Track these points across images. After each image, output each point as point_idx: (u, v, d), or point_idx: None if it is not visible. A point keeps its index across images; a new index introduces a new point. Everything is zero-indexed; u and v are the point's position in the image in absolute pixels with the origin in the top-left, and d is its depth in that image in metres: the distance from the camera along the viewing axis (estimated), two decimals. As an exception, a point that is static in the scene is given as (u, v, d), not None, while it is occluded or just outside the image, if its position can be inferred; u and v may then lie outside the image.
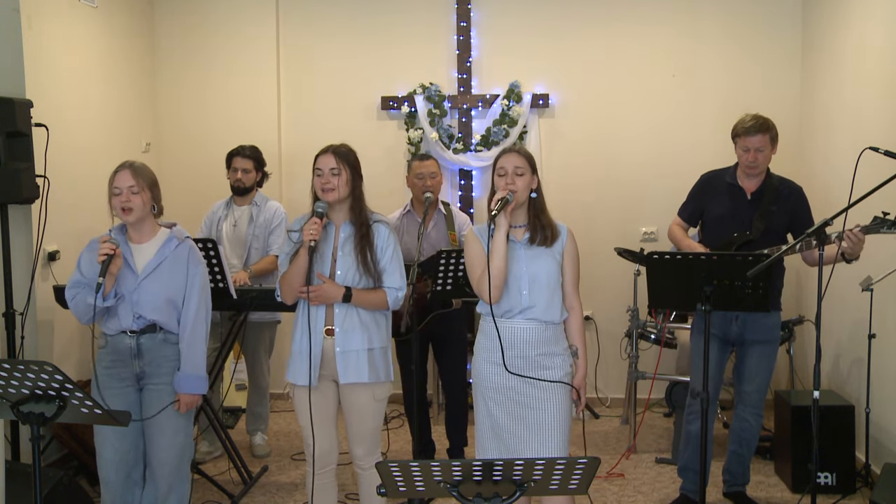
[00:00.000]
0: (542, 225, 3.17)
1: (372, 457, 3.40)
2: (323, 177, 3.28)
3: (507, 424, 3.13)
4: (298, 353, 3.33)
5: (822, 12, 5.36)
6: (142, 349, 3.30)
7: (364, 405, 3.34)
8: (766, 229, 3.94)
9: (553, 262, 3.16)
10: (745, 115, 4.04)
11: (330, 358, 3.31)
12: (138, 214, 3.28)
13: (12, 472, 3.53)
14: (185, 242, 3.39)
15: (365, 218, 3.34)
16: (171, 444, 3.34)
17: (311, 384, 3.27)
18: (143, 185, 3.28)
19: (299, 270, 3.24)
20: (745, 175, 4.04)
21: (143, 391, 3.35)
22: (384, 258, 3.35)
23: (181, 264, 3.34)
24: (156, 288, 3.29)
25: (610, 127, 5.89)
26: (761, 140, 3.94)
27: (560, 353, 3.16)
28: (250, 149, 4.95)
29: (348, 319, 3.30)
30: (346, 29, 6.04)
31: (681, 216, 4.26)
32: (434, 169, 4.59)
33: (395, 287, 3.36)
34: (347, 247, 3.31)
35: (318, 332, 3.30)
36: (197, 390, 3.34)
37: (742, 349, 4.08)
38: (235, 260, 4.90)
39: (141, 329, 3.30)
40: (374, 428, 3.40)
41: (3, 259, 4.15)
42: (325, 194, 3.27)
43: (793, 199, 4.01)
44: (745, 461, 4.13)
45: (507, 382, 3.13)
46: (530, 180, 3.16)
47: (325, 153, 3.33)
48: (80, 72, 5.16)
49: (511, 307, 3.14)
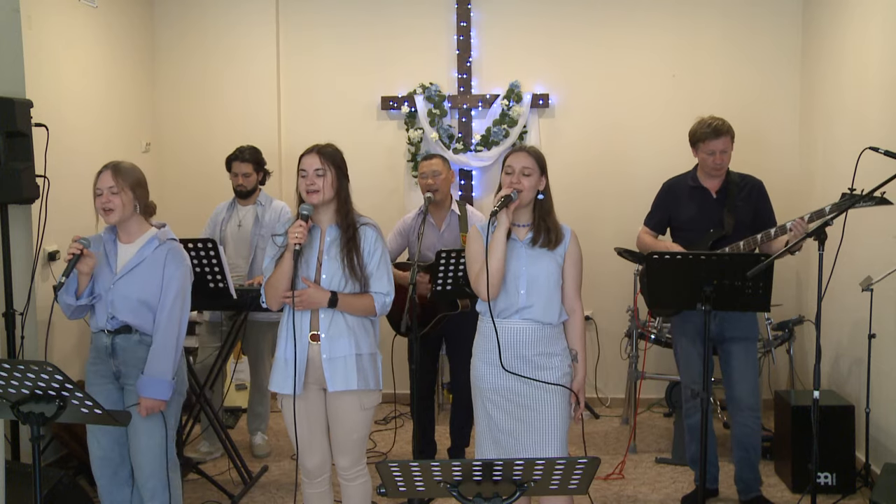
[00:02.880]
0: (546, 227, 3.14)
1: (357, 468, 3.32)
2: (307, 178, 3.17)
3: (506, 425, 3.12)
4: (283, 361, 3.24)
5: (822, 13, 5.36)
6: (116, 349, 3.29)
7: (350, 414, 3.24)
8: (736, 223, 4.02)
9: (554, 265, 3.14)
10: (702, 120, 4.10)
11: (316, 365, 3.22)
12: (119, 215, 3.25)
13: (12, 472, 3.53)
14: (165, 244, 3.32)
15: (351, 220, 3.23)
16: (146, 447, 3.28)
17: (297, 392, 3.18)
18: (124, 185, 3.24)
19: (284, 275, 3.16)
20: (708, 176, 4.12)
21: (123, 390, 3.35)
22: (371, 262, 3.25)
23: (158, 266, 3.28)
24: (129, 289, 3.26)
25: (610, 127, 5.89)
26: (724, 142, 4.03)
27: (558, 353, 3.14)
28: (249, 152, 4.92)
29: (334, 325, 3.21)
30: (346, 29, 6.04)
31: (647, 225, 4.31)
32: (437, 167, 4.53)
33: (383, 292, 3.26)
34: (333, 250, 3.21)
35: (303, 337, 3.21)
36: (159, 395, 3.22)
37: (723, 347, 4.10)
38: (240, 261, 4.89)
39: (115, 329, 3.28)
40: (360, 439, 3.30)
41: (3, 259, 4.15)
42: (310, 196, 3.17)
43: (754, 192, 4.11)
44: (754, 465, 4.13)
45: (505, 383, 3.11)
46: (538, 181, 3.13)
47: (310, 153, 3.22)
48: (80, 72, 5.16)
49: (508, 306, 3.12)
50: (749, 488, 4.15)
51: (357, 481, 3.34)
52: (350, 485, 3.34)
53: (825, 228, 3.40)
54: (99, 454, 3.34)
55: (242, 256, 4.90)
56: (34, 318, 4.33)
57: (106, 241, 3.34)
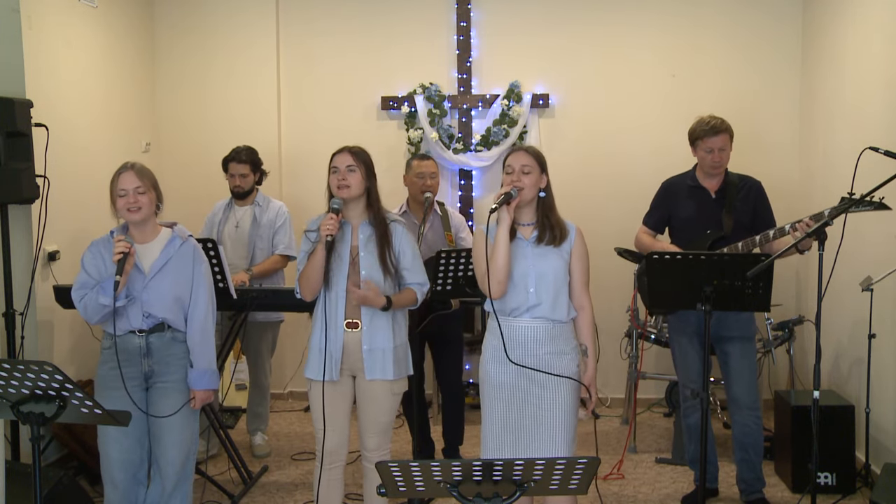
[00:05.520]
0: (550, 224, 3.19)
1: (382, 450, 3.46)
2: (339, 173, 3.35)
3: (513, 423, 3.14)
4: (318, 350, 3.36)
5: (822, 14, 5.36)
6: (151, 348, 3.33)
7: (382, 399, 3.41)
8: (734, 224, 4.03)
9: (560, 262, 3.17)
10: (701, 119, 4.13)
11: (351, 352, 3.37)
12: (145, 214, 3.31)
13: (12, 472, 3.53)
14: (188, 241, 3.43)
15: (382, 217, 3.43)
16: (179, 442, 3.36)
17: (332, 378, 3.33)
18: (149, 185, 3.33)
19: (317, 266, 3.30)
20: (707, 175, 4.13)
21: (151, 390, 3.36)
22: (405, 257, 3.43)
23: (187, 262, 3.38)
24: (164, 287, 3.32)
25: (610, 127, 5.89)
26: (723, 140, 4.04)
27: (568, 351, 3.17)
28: (245, 153, 4.90)
29: (376, 317, 3.36)
30: (346, 29, 6.04)
31: (646, 224, 4.33)
32: (435, 169, 4.61)
33: (420, 283, 3.47)
34: (370, 246, 3.38)
35: (338, 327, 3.35)
36: (211, 385, 3.40)
37: (720, 347, 4.10)
38: (238, 261, 4.88)
39: (150, 328, 3.33)
40: (388, 422, 3.46)
41: (3, 259, 4.15)
42: (341, 191, 3.34)
43: (753, 193, 4.11)
44: (755, 466, 4.12)
45: (514, 381, 3.13)
46: (538, 179, 3.16)
47: (342, 152, 3.40)
48: (80, 72, 5.15)
49: (518, 305, 3.15)
50: (750, 489, 4.15)
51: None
52: (373, 467, 3.40)
53: (825, 228, 3.40)
54: (119, 457, 3.32)
55: (240, 257, 4.89)
56: (34, 318, 4.33)
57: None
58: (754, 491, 4.14)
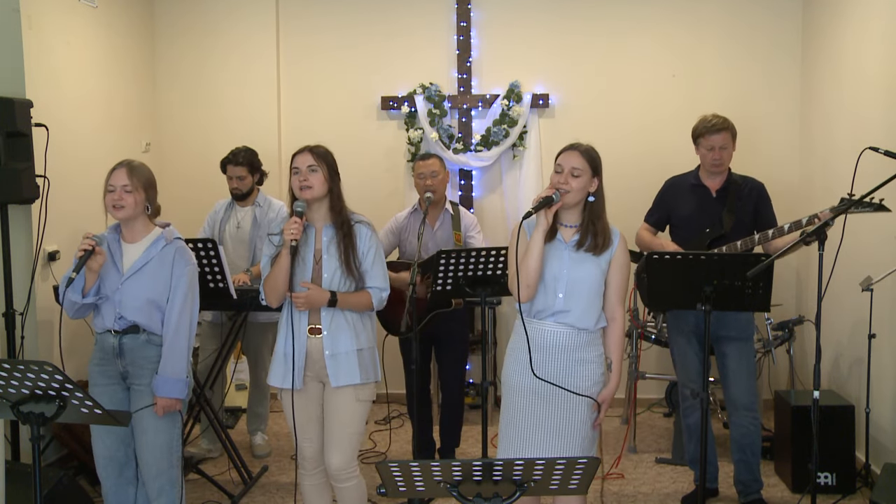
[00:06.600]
0: (594, 231, 3.01)
1: (349, 469, 3.32)
2: (300, 174, 3.24)
3: (532, 425, 3.04)
4: (282, 356, 3.29)
5: (822, 12, 5.36)
6: (124, 349, 3.29)
7: (345, 406, 3.29)
8: (735, 223, 4.03)
9: (597, 271, 3.01)
10: (704, 117, 4.16)
11: (316, 359, 3.28)
12: (128, 213, 3.27)
13: (12, 472, 3.53)
14: (172, 243, 3.34)
15: (346, 218, 3.31)
16: (154, 445, 3.30)
17: (295, 387, 3.24)
18: (138, 184, 3.27)
19: (282, 272, 3.22)
20: (709, 174, 4.15)
21: (130, 390, 3.35)
22: (367, 259, 3.32)
23: (166, 266, 3.30)
24: (138, 289, 3.26)
25: (610, 127, 5.88)
26: (724, 138, 4.06)
27: (592, 360, 3.03)
28: (243, 154, 4.87)
29: (335, 321, 3.28)
30: (346, 29, 6.04)
31: (648, 222, 4.36)
32: (434, 168, 4.56)
33: (379, 287, 3.34)
34: (332, 248, 3.28)
35: (301, 333, 3.27)
36: (175, 394, 3.27)
37: (718, 347, 4.10)
38: (239, 261, 4.87)
39: (123, 329, 3.28)
40: (354, 434, 3.32)
41: (3, 259, 4.15)
42: (304, 192, 3.23)
43: (755, 193, 4.12)
44: (753, 468, 4.12)
45: (535, 384, 3.00)
46: (588, 182, 3.00)
47: (302, 152, 3.30)
48: (80, 72, 5.15)
49: (544, 307, 3.02)
50: (748, 490, 4.15)
51: (349, 482, 3.33)
52: (343, 486, 3.34)
53: (825, 229, 3.40)
54: (104, 454, 3.34)
55: (242, 258, 4.89)
56: (34, 318, 4.33)
57: (110, 241, 3.34)
58: (752, 492, 4.14)
